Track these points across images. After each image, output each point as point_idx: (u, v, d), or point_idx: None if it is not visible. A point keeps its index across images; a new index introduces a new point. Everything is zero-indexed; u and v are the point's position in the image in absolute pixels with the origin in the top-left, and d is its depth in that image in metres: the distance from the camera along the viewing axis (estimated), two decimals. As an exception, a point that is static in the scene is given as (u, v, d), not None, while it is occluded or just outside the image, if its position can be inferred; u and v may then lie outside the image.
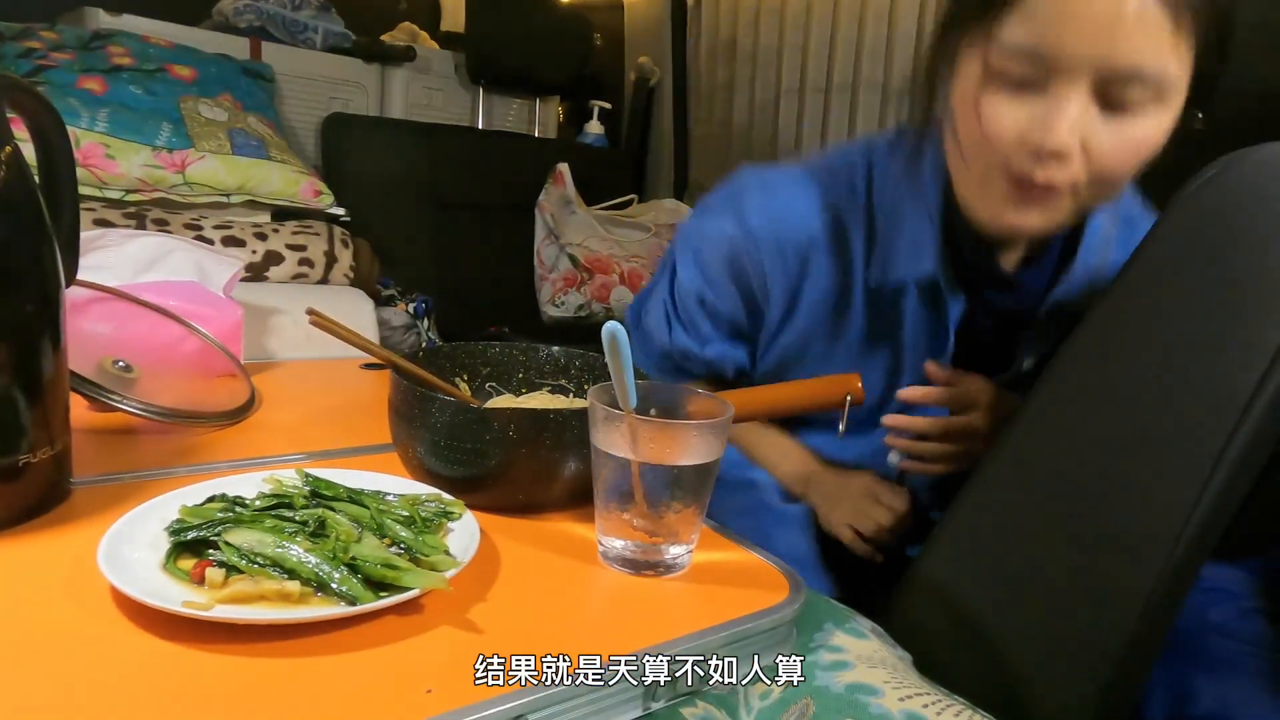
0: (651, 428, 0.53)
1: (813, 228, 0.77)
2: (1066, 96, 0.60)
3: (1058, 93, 0.60)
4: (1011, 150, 0.63)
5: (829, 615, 0.58)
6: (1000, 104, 0.62)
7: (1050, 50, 0.59)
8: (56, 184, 0.61)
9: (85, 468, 0.62)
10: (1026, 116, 0.61)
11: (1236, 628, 0.77)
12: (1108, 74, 0.59)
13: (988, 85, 0.63)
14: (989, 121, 0.63)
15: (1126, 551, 0.60)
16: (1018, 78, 0.61)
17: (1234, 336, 0.57)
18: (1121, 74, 0.59)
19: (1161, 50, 0.58)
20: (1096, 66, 0.59)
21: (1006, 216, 0.67)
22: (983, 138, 0.64)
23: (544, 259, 1.97)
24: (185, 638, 0.43)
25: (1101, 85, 0.60)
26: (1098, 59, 0.58)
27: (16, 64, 1.31)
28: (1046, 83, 0.60)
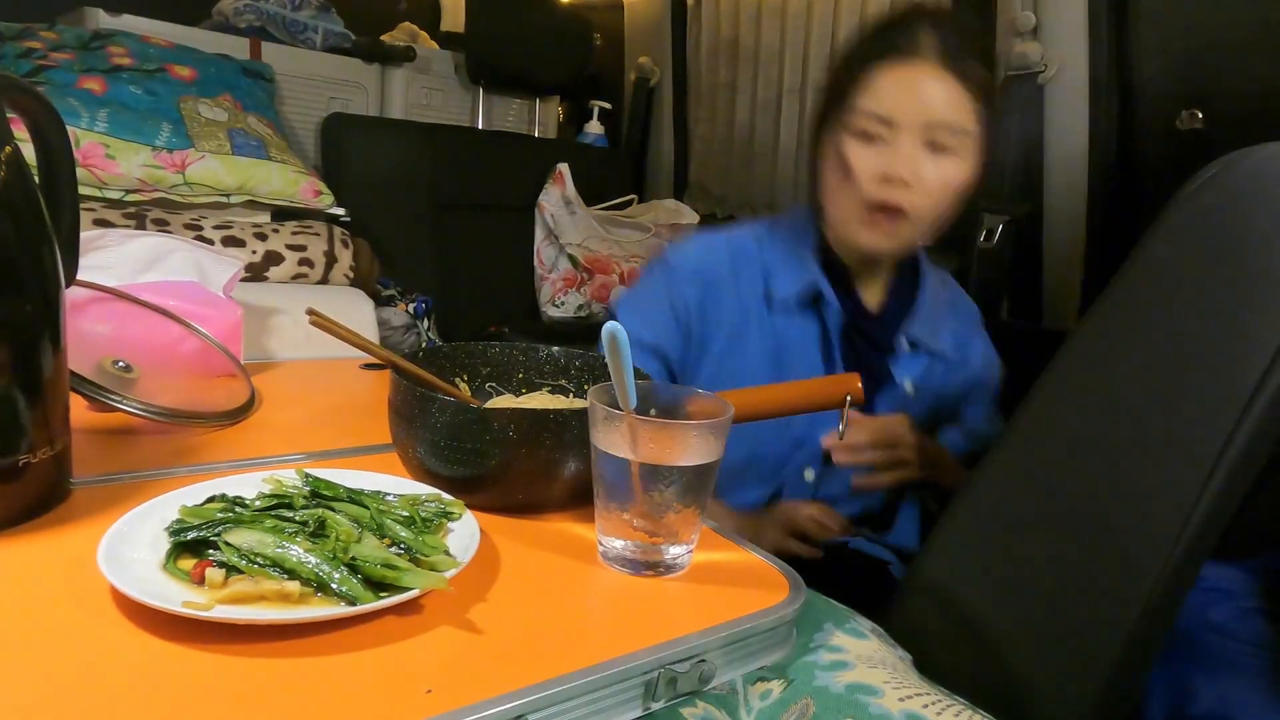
0: (651, 428, 0.53)
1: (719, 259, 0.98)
2: (904, 142, 0.86)
3: (898, 141, 0.86)
4: (869, 182, 0.88)
5: (829, 615, 0.58)
6: (859, 151, 0.88)
7: (891, 114, 0.86)
8: (56, 184, 0.61)
9: (85, 468, 0.62)
10: (878, 157, 0.87)
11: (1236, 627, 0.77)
12: (930, 126, 0.86)
13: (849, 142, 0.89)
14: (853, 163, 0.88)
15: (1126, 551, 0.60)
16: (870, 134, 0.87)
17: (1234, 336, 0.57)
18: (938, 125, 0.86)
19: (962, 110, 0.86)
20: (923, 123, 0.86)
21: (866, 237, 0.90)
22: (847, 178, 0.89)
23: (544, 259, 1.97)
24: (185, 638, 0.43)
25: (926, 135, 0.86)
26: (923, 117, 0.85)
27: (16, 64, 1.31)
28: (889, 136, 0.87)
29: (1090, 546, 0.62)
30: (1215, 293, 0.59)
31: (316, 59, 1.78)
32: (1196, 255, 0.61)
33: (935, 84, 0.85)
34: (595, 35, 2.15)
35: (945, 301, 1.04)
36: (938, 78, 0.85)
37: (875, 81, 0.87)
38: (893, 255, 0.95)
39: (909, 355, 0.99)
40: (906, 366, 0.99)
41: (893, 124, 0.86)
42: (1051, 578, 0.64)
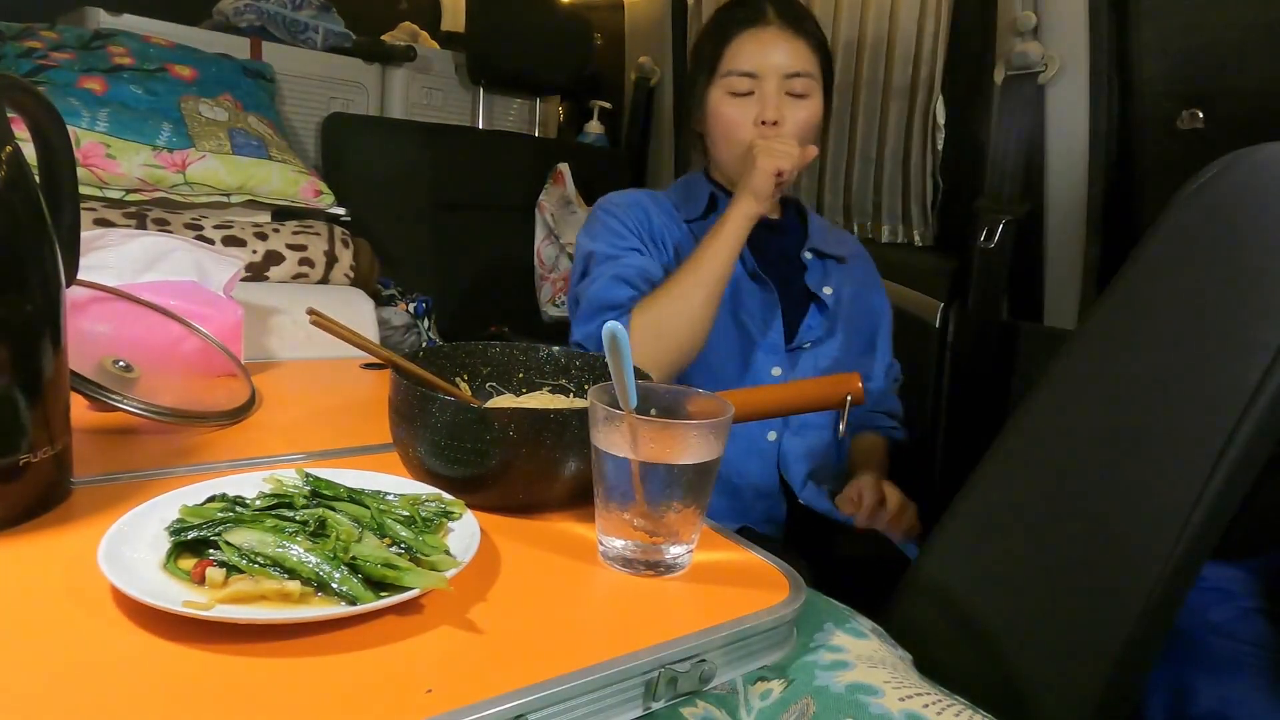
0: (651, 428, 0.53)
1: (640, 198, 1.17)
2: (769, 91, 1.08)
3: (764, 90, 1.08)
4: (750, 125, 1.08)
5: (829, 615, 0.58)
6: (733, 105, 1.10)
7: (755, 69, 1.08)
8: (56, 184, 0.61)
9: (85, 468, 0.62)
10: (751, 106, 1.09)
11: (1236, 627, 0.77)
12: (787, 74, 1.07)
13: (727, 99, 1.10)
14: (730, 116, 1.10)
15: (1127, 551, 0.60)
16: (741, 90, 1.09)
17: (1234, 336, 0.57)
18: (793, 73, 1.08)
19: (807, 59, 1.09)
20: (780, 73, 1.07)
21: None
22: (729, 128, 1.10)
23: (544, 259, 1.97)
24: (185, 638, 0.43)
25: (784, 85, 1.08)
26: (780, 69, 1.07)
27: (17, 64, 1.31)
28: (756, 88, 1.08)
29: (1091, 546, 0.62)
30: (1216, 292, 0.59)
31: (317, 59, 1.78)
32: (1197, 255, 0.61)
33: (784, 42, 1.07)
34: (595, 35, 2.15)
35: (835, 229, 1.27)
36: (785, 36, 1.08)
37: (740, 47, 1.09)
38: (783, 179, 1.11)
39: (815, 262, 1.17)
40: (818, 275, 1.16)
41: (757, 76, 1.07)
42: (1052, 577, 0.64)
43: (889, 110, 1.61)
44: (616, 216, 1.13)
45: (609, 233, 1.11)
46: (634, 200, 1.16)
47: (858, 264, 1.22)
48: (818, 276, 1.16)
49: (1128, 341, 0.63)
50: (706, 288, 0.99)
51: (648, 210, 1.15)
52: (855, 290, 1.18)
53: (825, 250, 1.18)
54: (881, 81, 1.62)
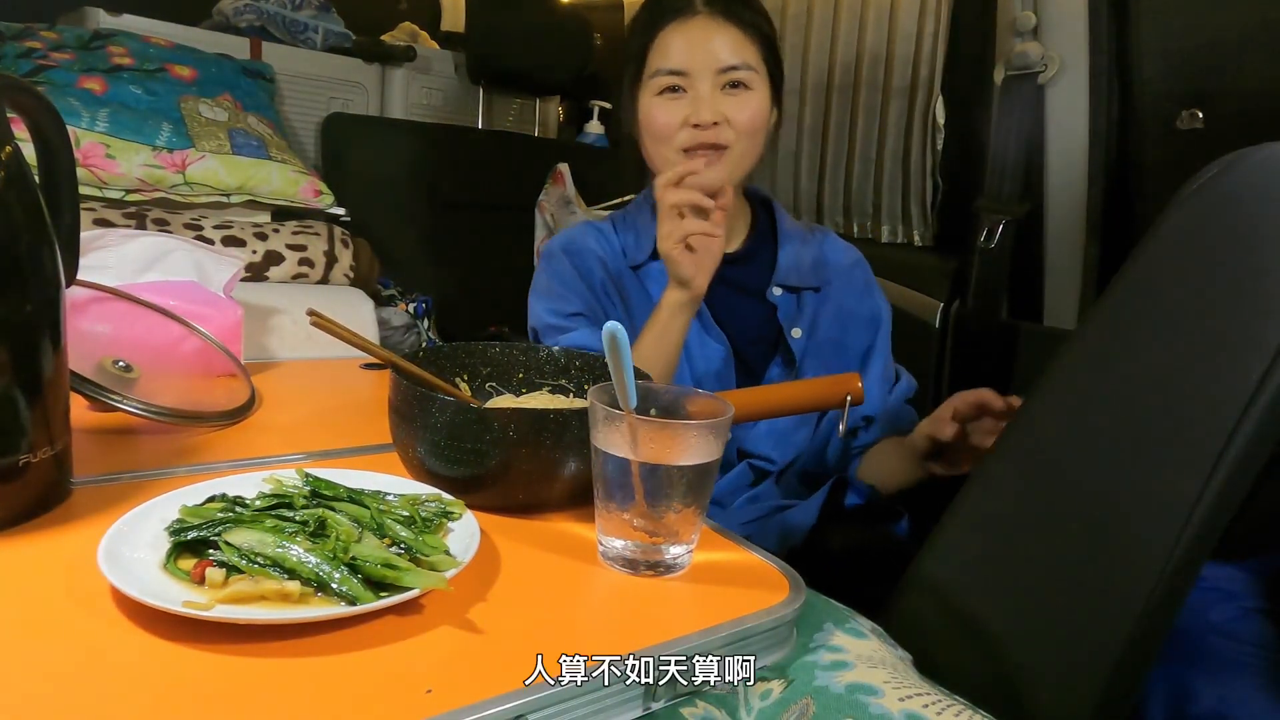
0: (651, 428, 0.53)
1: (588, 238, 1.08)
2: (702, 89, 0.95)
3: (697, 89, 0.96)
4: (680, 129, 0.96)
5: (829, 615, 0.58)
6: (664, 105, 0.97)
7: (684, 66, 0.95)
8: (56, 184, 0.61)
9: (85, 468, 0.62)
10: (684, 108, 0.96)
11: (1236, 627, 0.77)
12: (721, 68, 0.95)
13: (655, 102, 0.98)
14: (661, 118, 0.97)
15: (1127, 551, 0.60)
16: (670, 90, 0.97)
17: (1234, 336, 0.57)
18: (729, 66, 0.95)
19: (746, 48, 0.96)
20: (714, 68, 0.95)
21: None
22: (660, 132, 0.97)
23: (544, 259, 1.97)
24: (185, 638, 0.43)
25: (720, 79, 0.95)
26: (714, 63, 0.95)
27: (16, 64, 1.31)
28: (688, 87, 0.96)
29: (1091, 546, 0.62)
30: (1216, 292, 0.59)
31: (317, 59, 1.78)
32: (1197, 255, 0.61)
33: (716, 33, 0.95)
34: (595, 35, 2.15)
35: (813, 242, 1.10)
36: (716, 26, 0.96)
37: (666, 42, 0.97)
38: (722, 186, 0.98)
39: (785, 298, 1.05)
40: (787, 313, 1.04)
41: (688, 74, 0.96)
42: (1052, 577, 0.64)
43: (889, 110, 1.61)
44: (559, 273, 1.04)
45: (552, 296, 1.03)
46: (579, 246, 1.06)
47: (840, 282, 1.08)
48: (789, 314, 1.04)
49: (1128, 341, 0.63)
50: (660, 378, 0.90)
51: (592, 256, 1.05)
52: (835, 315, 1.06)
53: (796, 283, 1.05)
54: (881, 82, 1.62)
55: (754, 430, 1.02)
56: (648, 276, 1.05)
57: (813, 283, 1.06)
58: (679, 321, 0.91)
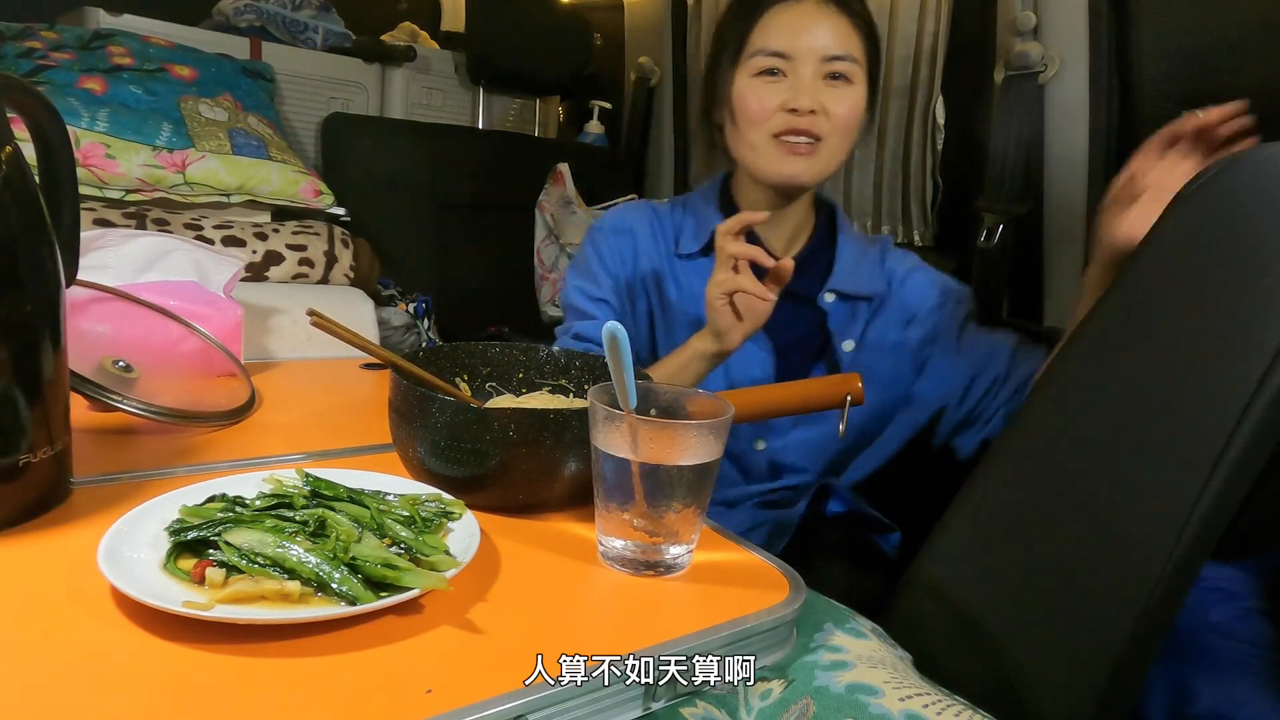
0: (651, 428, 0.53)
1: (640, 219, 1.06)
2: (803, 75, 0.93)
3: (798, 74, 0.93)
4: (777, 113, 0.93)
5: (829, 615, 0.58)
6: (761, 88, 0.94)
7: (788, 49, 0.93)
8: (56, 184, 0.61)
9: (85, 468, 0.62)
10: (782, 91, 0.93)
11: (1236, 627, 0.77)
12: (826, 57, 0.92)
13: (752, 82, 0.94)
14: (756, 100, 0.94)
15: (1127, 550, 0.60)
16: (771, 71, 0.94)
17: (1234, 336, 0.57)
18: (833, 55, 0.92)
19: (852, 40, 0.94)
20: (819, 55, 0.92)
21: (784, 166, 0.94)
22: (754, 114, 0.94)
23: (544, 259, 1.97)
24: (185, 638, 0.43)
25: (822, 67, 0.93)
26: (819, 50, 0.92)
27: (16, 64, 1.31)
28: (788, 71, 0.93)
29: (1091, 546, 0.62)
30: (1215, 292, 0.59)
31: (316, 59, 1.78)
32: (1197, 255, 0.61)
33: (824, 19, 0.93)
34: (595, 35, 2.15)
35: (873, 252, 1.05)
36: (826, 13, 0.93)
37: (770, 22, 0.94)
38: (810, 185, 0.98)
39: (836, 305, 1.00)
40: (839, 322, 1.00)
41: (791, 58, 0.93)
42: (1052, 577, 0.64)
43: (889, 110, 1.61)
44: (599, 252, 1.03)
45: (587, 276, 1.02)
46: (626, 225, 1.04)
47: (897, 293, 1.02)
48: (841, 323, 0.99)
49: (1128, 341, 0.63)
50: None
51: (636, 242, 1.03)
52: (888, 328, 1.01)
53: (851, 291, 1.00)
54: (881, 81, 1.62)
55: (786, 440, 1.00)
56: (693, 269, 1.02)
57: (867, 291, 1.01)
58: (699, 368, 0.89)
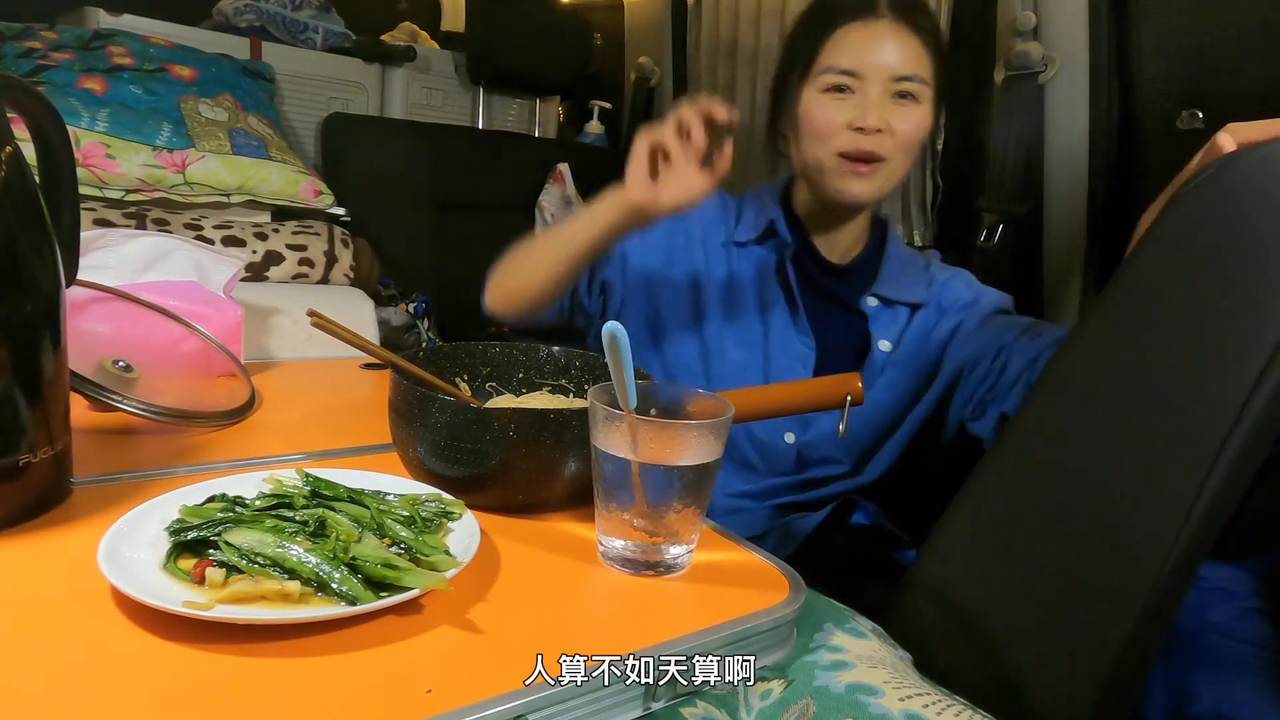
0: (651, 428, 0.53)
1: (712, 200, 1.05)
2: (872, 93, 0.92)
3: (866, 92, 0.92)
4: (841, 133, 0.93)
5: (829, 615, 0.58)
6: (829, 104, 0.94)
7: (858, 68, 0.92)
8: (56, 184, 0.61)
9: (85, 468, 0.62)
10: (848, 109, 0.93)
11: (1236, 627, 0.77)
12: (895, 77, 0.92)
13: (820, 99, 0.94)
14: (823, 116, 0.94)
15: (1125, 549, 0.60)
16: (839, 88, 0.93)
17: (1232, 334, 0.57)
18: (902, 75, 0.92)
19: (921, 60, 0.93)
20: (888, 75, 0.92)
21: (846, 186, 0.94)
22: (820, 130, 0.94)
23: (544, 259, 1.97)
24: (185, 638, 0.43)
25: (891, 86, 0.92)
26: (888, 69, 0.92)
27: (16, 64, 1.31)
28: (856, 89, 0.93)
29: (1090, 545, 0.62)
30: (1213, 291, 0.59)
31: (316, 59, 1.78)
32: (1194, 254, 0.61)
33: (895, 38, 0.92)
34: (595, 35, 2.15)
35: (919, 263, 1.07)
36: (896, 32, 0.93)
37: (841, 40, 0.94)
38: (870, 204, 0.99)
39: (878, 310, 1.01)
40: (880, 325, 1.01)
41: (860, 77, 0.92)
42: (1051, 577, 0.64)
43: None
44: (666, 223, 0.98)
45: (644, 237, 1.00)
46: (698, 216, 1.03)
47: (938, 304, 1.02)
48: (881, 325, 1.01)
49: (1126, 340, 0.63)
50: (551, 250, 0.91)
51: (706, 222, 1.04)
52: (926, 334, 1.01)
53: (893, 296, 1.01)
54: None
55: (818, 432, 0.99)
56: (742, 257, 1.03)
57: (909, 299, 1.01)
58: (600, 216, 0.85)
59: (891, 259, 1.04)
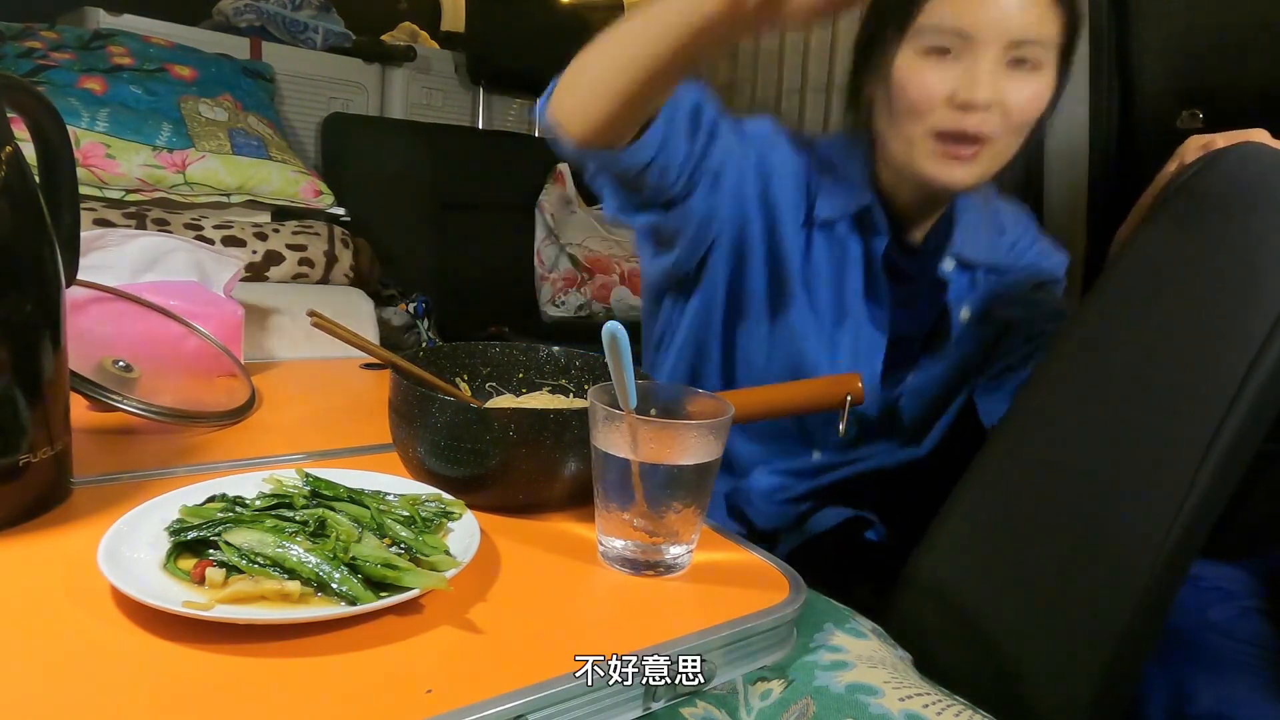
0: (651, 428, 0.53)
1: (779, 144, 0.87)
2: (983, 59, 0.75)
3: (976, 57, 0.75)
4: (940, 108, 0.76)
5: (829, 615, 0.58)
6: (929, 71, 0.77)
7: (969, 27, 0.75)
8: (56, 184, 0.61)
9: (85, 468, 0.62)
10: (952, 79, 0.76)
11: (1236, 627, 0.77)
12: (1014, 41, 0.75)
13: (915, 62, 0.77)
14: (920, 86, 0.77)
15: (1119, 545, 0.60)
16: (939, 50, 0.76)
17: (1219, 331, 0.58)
18: (1023, 40, 0.75)
19: (1045, 21, 0.76)
20: (1007, 38, 0.75)
21: (938, 172, 0.79)
22: (916, 103, 0.77)
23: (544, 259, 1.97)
24: (185, 638, 0.43)
25: (1008, 52, 0.75)
26: (1007, 31, 0.75)
27: (17, 64, 1.31)
28: (964, 52, 0.75)
29: (1083, 542, 0.62)
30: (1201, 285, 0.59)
31: (316, 59, 1.79)
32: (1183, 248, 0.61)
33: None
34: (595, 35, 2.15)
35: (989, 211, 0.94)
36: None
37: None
38: (968, 190, 0.84)
39: (956, 275, 0.89)
40: (959, 291, 0.90)
41: (970, 38, 0.75)
42: (1047, 573, 0.65)
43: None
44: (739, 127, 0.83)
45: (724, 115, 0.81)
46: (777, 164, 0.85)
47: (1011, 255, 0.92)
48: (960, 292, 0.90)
49: (1117, 336, 0.63)
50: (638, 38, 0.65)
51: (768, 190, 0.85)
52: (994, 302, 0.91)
53: (971, 257, 0.89)
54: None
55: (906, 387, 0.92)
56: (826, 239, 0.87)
57: (987, 259, 0.90)
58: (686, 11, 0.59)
59: (963, 213, 0.89)
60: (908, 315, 0.90)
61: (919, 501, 0.92)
